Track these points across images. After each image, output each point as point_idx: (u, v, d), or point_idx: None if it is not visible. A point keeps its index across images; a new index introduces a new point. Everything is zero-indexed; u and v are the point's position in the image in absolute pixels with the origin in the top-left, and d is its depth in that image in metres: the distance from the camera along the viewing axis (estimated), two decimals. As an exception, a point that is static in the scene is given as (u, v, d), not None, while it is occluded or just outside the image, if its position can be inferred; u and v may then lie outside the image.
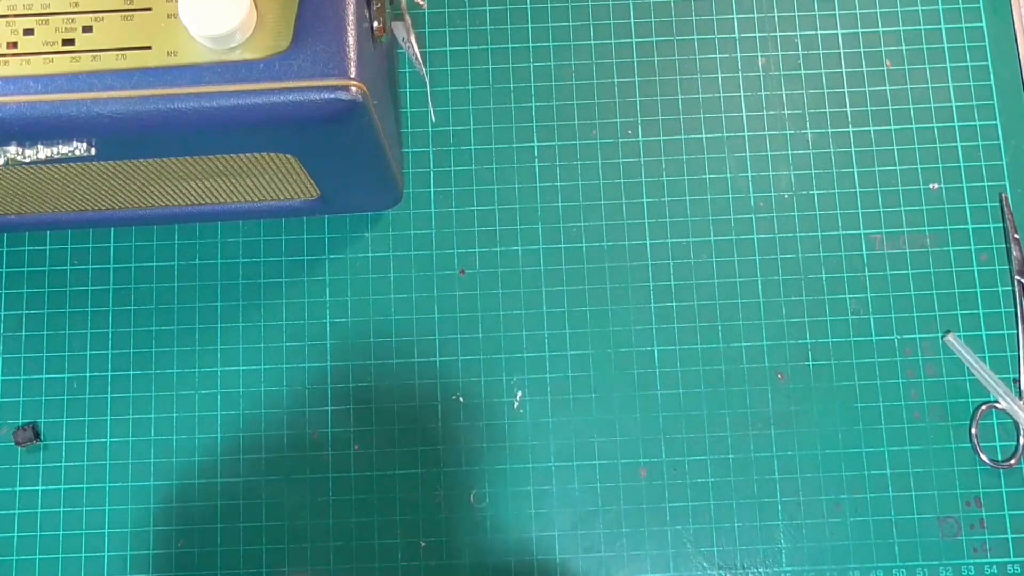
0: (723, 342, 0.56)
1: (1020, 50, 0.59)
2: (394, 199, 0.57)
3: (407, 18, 0.50)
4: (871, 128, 0.59)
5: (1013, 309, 0.57)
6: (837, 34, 0.60)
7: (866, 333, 0.56)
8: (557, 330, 0.56)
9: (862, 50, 0.60)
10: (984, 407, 0.55)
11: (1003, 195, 0.58)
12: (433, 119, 0.59)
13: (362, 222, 0.58)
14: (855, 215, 0.58)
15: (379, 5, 0.44)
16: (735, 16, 0.60)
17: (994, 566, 0.54)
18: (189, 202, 0.53)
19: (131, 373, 0.56)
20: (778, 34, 0.60)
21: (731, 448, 0.55)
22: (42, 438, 0.55)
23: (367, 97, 0.41)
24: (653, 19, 0.60)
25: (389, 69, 0.52)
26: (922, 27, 0.60)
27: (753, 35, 0.60)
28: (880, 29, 0.60)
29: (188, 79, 0.40)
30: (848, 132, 0.59)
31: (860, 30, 0.60)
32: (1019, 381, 0.56)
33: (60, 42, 0.40)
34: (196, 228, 0.58)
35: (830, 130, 0.59)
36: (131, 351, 0.56)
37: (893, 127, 0.59)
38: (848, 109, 0.59)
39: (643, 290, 0.57)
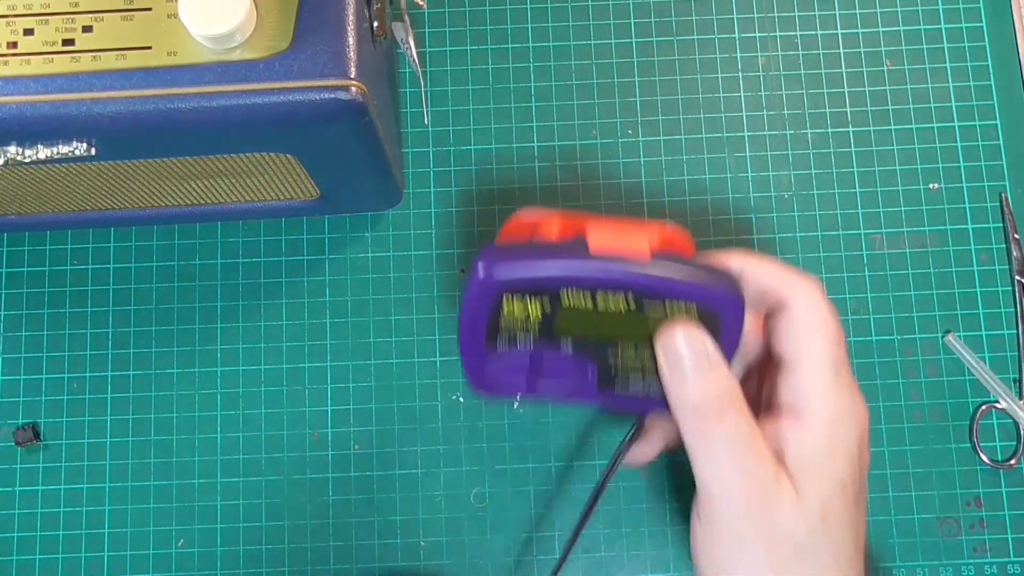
0: (723, 342, 0.56)
1: (1020, 50, 0.59)
2: (394, 199, 0.57)
3: (406, 18, 0.50)
4: (871, 128, 0.59)
5: (1013, 309, 0.57)
6: (837, 34, 0.60)
7: (866, 333, 0.56)
8: (557, 330, 0.56)
9: (862, 50, 0.60)
10: (984, 407, 0.55)
11: (1003, 195, 0.58)
12: (427, 121, 0.59)
13: (362, 222, 0.58)
14: (855, 215, 0.58)
15: (379, 5, 0.44)
16: (735, 16, 0.60)
17: (994, 566, 0.54)
18: (189, 202, 0.53)
19: (131, 373, 0.56)
20: (778, 34, 0.60)
21: (731, 448, 0.55)
22: (42, 438, 0.55)
23: (367, 97, 0.41)
24: (653, 19, 0.60)
25: (389, 69, 0.52)
26: (922, 27, 0.60)
27: (753, 35, 0.60)
28: (880, 29, 0.60)
29: (188, 79, 0.40)
30: (848, 132, 0.59)
31: (860, 30, 0.60)
32: (1019, 381, 0.56)
33: (60, 42, 0.40)
34: (196, 228, 0.58)
35: (830, 130, 0.59)
36: (131, 351, 0.56)
37: (893, 127, 0.59)
38: (848, 109, 0.59)
39: (643, 290, 0.57)
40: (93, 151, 0.41)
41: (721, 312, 0.40)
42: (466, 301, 0.40)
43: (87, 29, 0.40)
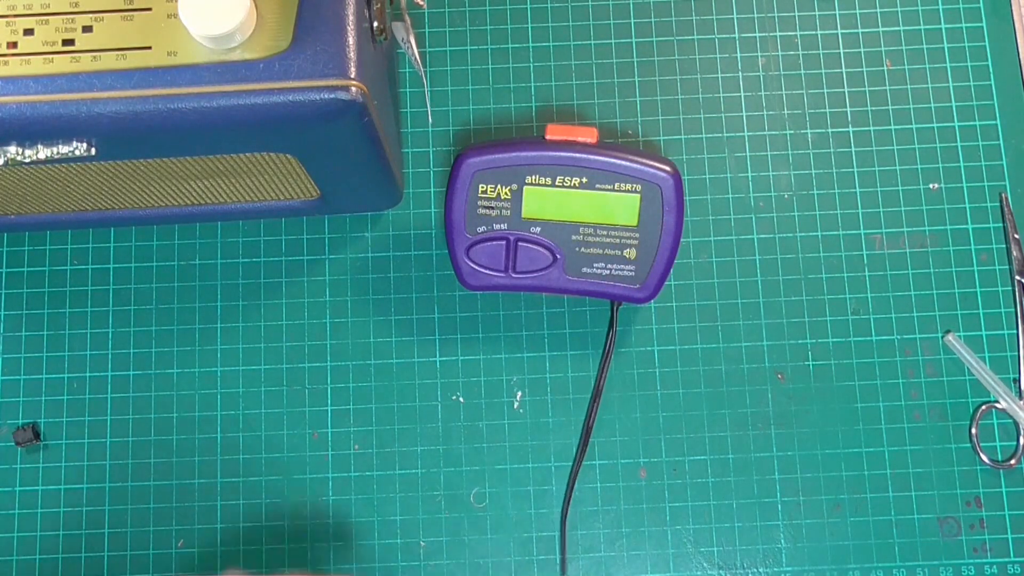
0: (723, 342, 0.56)
1: (1020, 50, 0.59)
2: (394, 199, 0.57)
3: (407, 18, 0.50)
4: (871, 128, 0.59)
5: (1013, 309, 0.57)
6: (837, 34, 0.60)
7: (866, 333, 0.56)
8: (557, 330, 0.56)
9: (862, 50, 0.60)
10: (984, 407, 0.55)
11: (1003, 195, 0.58)
12: (431, 120, 0.59)
13: (362, 222, 0.58)
14: (855, 215, 0.58)
15: (379, 5, 0.44)
16: (735, 16, 0.60)
17: (994, 566, 0.54)
18: (189, 202, 0.53)
19: (131, 373, 0.56)
20: (778, 34, 0.60)
21: (731, 448, 0.55)
22: (42, 438, 0.55)
23: (367, 97, 0.41)
24: (653, 19, 0.60)
25: (389, 69, 0.52)
26: (922, 27, 0.60)
27: (753, 35, 0.60)
28: (880, 29, 0.60)
29: (188, 79, 0.40)
30: (848, 132, 0.59)
31: (860, 30, 0.60)
32: (1019, 381, 0.56)
33: (60, 42, 0.40)
34: (196, 228, 0.58)
35: (830, 130, 0.59)
36: (131, 351, 0.56)
37: (893, 127, 0.59)
38: (848, 109, 0.59)
39: (643, 290, 0.57)
40: (93, 151, 0.41)
41: (662, 187, 0.50)
42: (451, 188, 0.51)
43: (87, 29, 0.40)
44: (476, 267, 0.52)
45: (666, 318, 0.57)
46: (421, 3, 0.51)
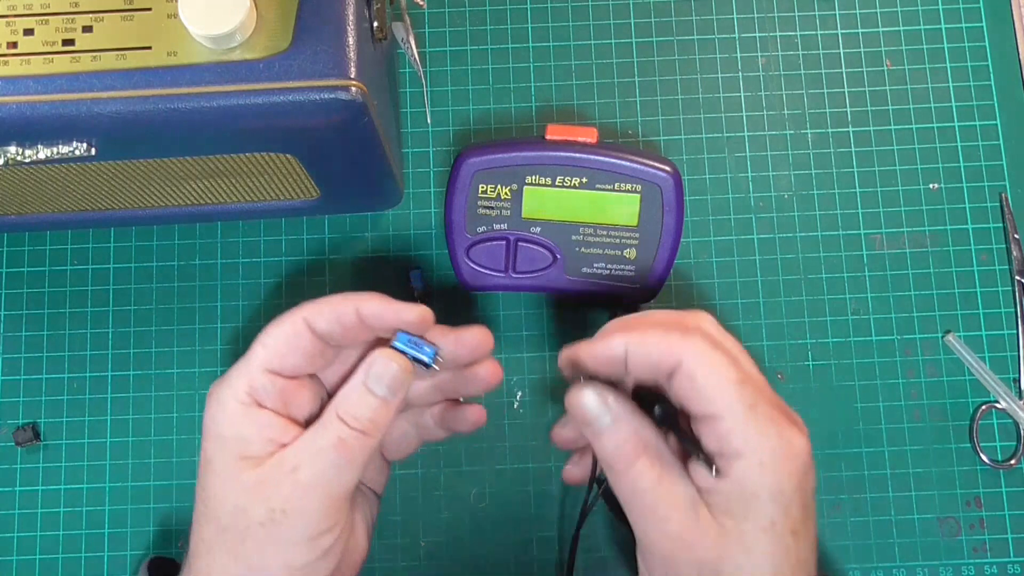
0: (723, 342, 0.56)
1: (1020, 50, 0.59)
2: (394, 199, 0.57)
3: (407, 18, 0.50)
4: (871, 128, 0.59)
5: (1013, 309, 0.57)
6: (837, 34, 0.60)
7: (866, 333, 0.56)
8: (557, 330, 0.56)
9: (862, 50, 0.60)
10: (984, 407, 0.55)
11: (1003, 195, 0.58)
12: (429, 121, 0.59)
13: (362, 222, 0.58)
14: (855, 215, 0.58)
15: (379, 5, 0.44)
16: (735, 16, 0.60)
17: (994, 566, 0.54)
18: (189, 202, 0.53)
19: (131, 373, 0.56)
20: (778, 34, 0.60)
21: (731, 448, 0.55)
22: (42, 438, 0.55)
23: (367, 97, 0.41)
24: (653, 19, 0.60)
25: (389, 69, 0.52)
26: (922, 27, 0.60)
27: (753, 35, 0.60)
28: (880, 29, 0.60)
29: (188, 79, 0.40)
30: (848, 132, 0.59)
31: (860, 30, 0.60)
32: (1019, 381, 0.56)
33: (60, 42, 0.40)
34: (196, 228, 0.58)
35: (830, 130, 0.59)
36: (131, 351, 0.56)
37: (893, 127, 0.59)
38: (848, 109, 0.59)
39: (643, 290, 0.57)
40: (93, 151, 0.41)
41: (662, 187, 0.50)
42: (451, 188, 0.51)
43: (87, 29, 0.40)
44: (476, 267, 0.52)
45: (666, 318, 0.56)
46: (421, 3, 0.51)
